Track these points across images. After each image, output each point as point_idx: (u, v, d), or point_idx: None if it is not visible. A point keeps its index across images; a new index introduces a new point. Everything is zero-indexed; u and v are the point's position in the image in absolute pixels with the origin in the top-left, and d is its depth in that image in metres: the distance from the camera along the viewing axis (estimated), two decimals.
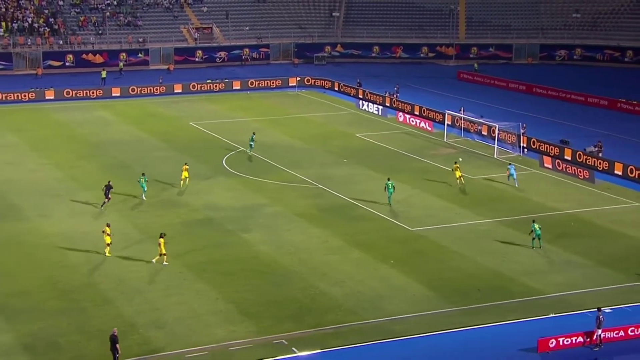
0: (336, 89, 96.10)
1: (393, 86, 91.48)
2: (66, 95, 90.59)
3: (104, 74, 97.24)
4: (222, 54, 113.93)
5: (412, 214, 52.72)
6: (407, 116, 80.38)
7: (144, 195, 55.04)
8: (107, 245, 45.09)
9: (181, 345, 35.65)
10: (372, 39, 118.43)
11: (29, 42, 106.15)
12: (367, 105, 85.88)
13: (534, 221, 47.26)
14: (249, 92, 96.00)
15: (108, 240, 45.05)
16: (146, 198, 54.87)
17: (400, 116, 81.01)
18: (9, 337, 36.28)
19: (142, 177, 55.51)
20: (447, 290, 41.46)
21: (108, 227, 45.42)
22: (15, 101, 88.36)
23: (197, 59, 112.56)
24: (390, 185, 54.09)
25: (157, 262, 44.03)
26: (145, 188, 55.10)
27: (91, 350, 35.22)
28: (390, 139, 73.34)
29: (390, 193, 53.98)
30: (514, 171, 59.11)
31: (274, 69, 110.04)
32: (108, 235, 45.03)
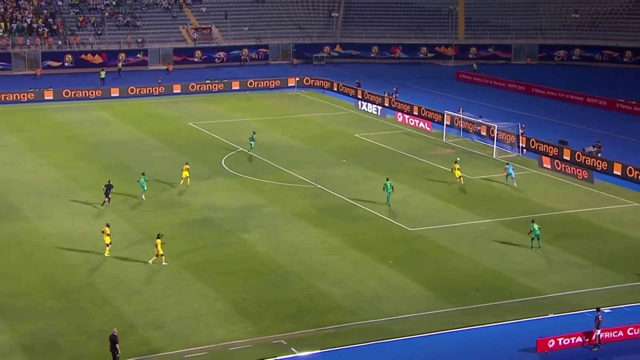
0: (335, 89, 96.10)
1: (392, 86, 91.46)
2: (65, 96, 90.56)
3: (103, 74, 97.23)
4: (221, 54, 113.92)
5: (411, 214, 52.74)
6: (406, 116, 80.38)
7: (143, 195, 55.05)
8: (107, 246, 45.10)
9: (180, 345, 35.65)
10: (371, 39, 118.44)
11: (27, 42, 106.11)
12: (366, 106, 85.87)
13: (533, 221, 47.27)
14: (248, 93, 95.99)
15: (108, 240, 45.03)
16: (145, 198, 54.90)
17: (399, 116, 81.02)
18: (8, 337, 36.26)
19: (142, 177, 55.51)
20: (446, 290, 41.47)
21: (108, 227, 45.41)
22: (14, 101, 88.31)
23: (196, 60, 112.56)
24: (389, 185, 54.11)
25: (154, 262, 44.01)
26: (145, 188, 55.12)
27: (90, 350, 35.21)
28: (389, 139, 73.34)
29: (389, 193, 54.00)
30: (513, 171, 59.10)
31: (273, 69, 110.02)
32: (108, 235, 45.02)
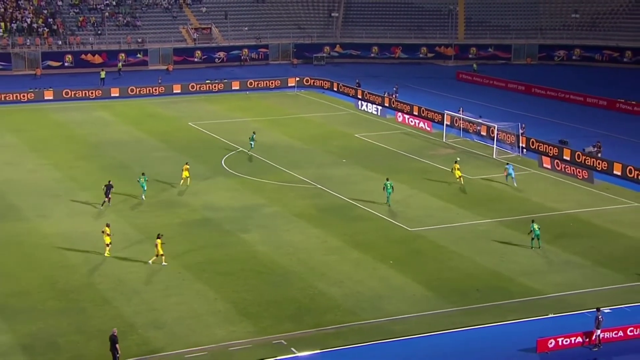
0: (335, 89, 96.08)
1: (392, 86, 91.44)
2: (65, 96, 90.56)
3: (103, 74, 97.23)
4: (221, 54, 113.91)
5: (411, 214, 52.73)
6: (406, 116, 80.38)
7: (143, 195, 55.06)
8: (107, 246, 45.10)
9: (180, 345, 35.65)
10: (371, 39, 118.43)
11: (27, 42, 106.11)
12: (366, 106, 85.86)
13: (533, 221, 47.26)
14: (248, 93, 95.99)
15: (108, 240, 45.02)
16: (145, 198, 54.90)
17: (399, 116, 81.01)
18: (8, 337, 36.26)
19: (142, 177, 55.53)
20: (446, 290, 41.47)
21: (108, 227, 45.40)
22: (14, 101, 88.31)
23: (196, 60, 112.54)
24: (389, 185, 54.10)
25: (154, 262, 44.01)
26: (145, 188, 55.15)
27: (90, 350, 35.21)
28: (389, 139, 73.33)
29: (389, 193, 54.00)
30: (513, 171, 59.11)
31: (273, 69, 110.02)
32: (108, 235, 45.02)
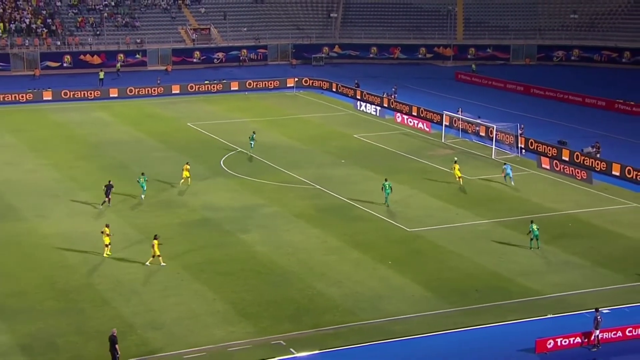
0: (334, 89, 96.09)
1: (391, 87, 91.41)
2: (64, 96, 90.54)
3: (101, 75, 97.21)
4: (220, 54, 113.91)
5: (410, 214, 52.74)
6: (405, 117, 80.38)
7: (143, 194, 55.08)
8: (106, 246, 45.09)
9: (179, 346, 35.63)
10: (370, 39, 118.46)
11: (26, 42, 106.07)
12: (365, 106, 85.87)
13: (532, 222, 47.28)
14: (246, 93, 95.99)
15: (107, 240, 45.02)
16: (145, 198, 54.89)
17: (398, 117, 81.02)
18: (7, 337, 36.24)
19: (141, 177, 55.58)
20: (445, 290, 41.47)
21: (107, 227, 45.40)
22: (13, 102, 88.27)
23: (194, 60, 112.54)
24: (388, 185, 54.11)
25: (152, 263, 44.00)
26: (145, 188, 55.19)
27: (89, 351, 35.19)
28: (388, 139, 73.35)
29: (387, 194, 54.01)
30: (510, 171, 59.19)
31: (271, 70, 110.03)
32: (107, 235, 45.02)
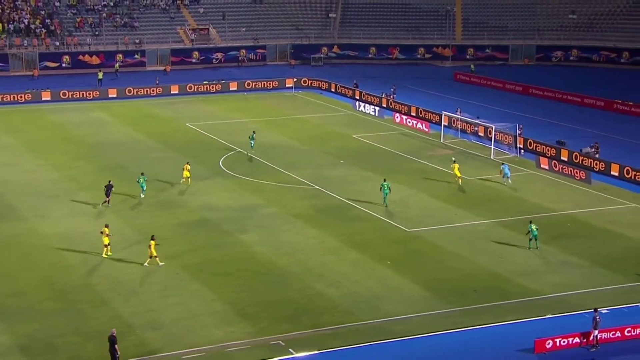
0: (333, 90, 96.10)
1: (390, 87, 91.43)
2: (62, 97, 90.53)
3: (100, 75, 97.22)
4: (219, 55, 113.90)
5: (408, 215, 52.74)
6: (404, 117, 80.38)
7: (142, 194, 55.10)
8: (105, 246, 45.08)
9: (178, 346, 35.61)
10: (369, 40, 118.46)
11: (25, 43, 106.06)
12: (364, 107, 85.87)
13: (531, 222, 47.28)
14: (245, 94, 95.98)
15: (106, 241, 45.00)
16: (144, 198, 54.92)
17: (397, 117, 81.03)
18: (5, 338, 36.21)
19: (141, 177, 55.66)
20: (443, 290, 41.47)
21: (106, 227, 45.37)
22: (12, 102, 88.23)
23: (193, 60, 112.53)
24: (386, 186, 54.11)
25: (150, 264, 44.00)
26: (145, 188, 55.23)
27: (88, 351, 35.17)
28: (387, 140, 73.35)
29: (386, 194, 54.01)
30: (508, 170, 59.25)
31: (270, 70, 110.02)
32: (107, 235, 45.00)
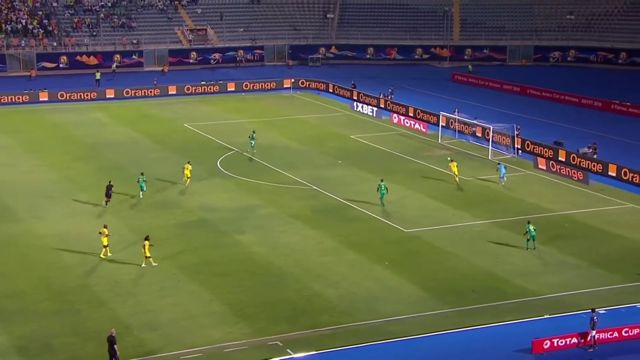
0: (331, 90, 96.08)
1: (387, 88, 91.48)
2: (60, 97, 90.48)
3: (98, 76, 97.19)
4: (217, 55, 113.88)
5: (406, 215, 52.75)
6: (402, 118, 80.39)
7: (141, 194, 55.12)
8: (105, 247, 45.04)
9: (176, 347, 35.60)
10: (367, 40, 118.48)
11: (22, 43, 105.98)
12: (362, 107, 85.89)
13: (529, 222, 47.31)
14: (243, 94, 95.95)
15: (105, 241, 44.97)
16: (142, 198, 54.94)
17: (395, 118, 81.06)
18: (3, 339, 36.16)
19: (141, 177, 55.77)
20: (441, 291, 41.48)
21: (105, 228, 45.34)
22: (9, 103, 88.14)
23: (191, 61, 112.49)
24: (383, 186, 54.11)
25: (147, 264, 43.99)
26: (144, 188, 55.29)
27: (86, 352, 35.15)
28: (385, 140, 73.36)
29: (383, 194, 54.01)
30: (505, 170, 59.33)
31: (268, 71, 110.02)
32: (106, 236, 44.97)
